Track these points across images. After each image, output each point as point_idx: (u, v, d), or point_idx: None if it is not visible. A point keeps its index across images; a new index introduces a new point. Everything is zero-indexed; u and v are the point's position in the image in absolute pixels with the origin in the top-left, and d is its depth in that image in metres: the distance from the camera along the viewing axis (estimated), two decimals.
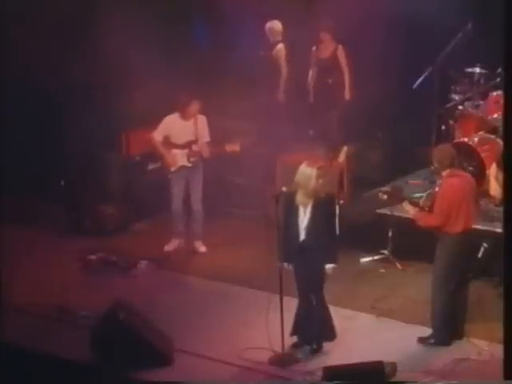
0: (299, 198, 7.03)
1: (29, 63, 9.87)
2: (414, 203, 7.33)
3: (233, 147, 9.00)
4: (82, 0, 10.06)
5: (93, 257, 9.03)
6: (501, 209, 8.41)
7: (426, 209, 7.22)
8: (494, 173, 8.04)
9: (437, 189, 7.42)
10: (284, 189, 7.16)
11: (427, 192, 7.67)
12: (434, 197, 7.26)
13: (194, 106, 8.89)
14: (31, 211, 9.97)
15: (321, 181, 6.97)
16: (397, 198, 7.57)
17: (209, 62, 10.84)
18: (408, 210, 7.31)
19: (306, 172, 6.97)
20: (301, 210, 7.04)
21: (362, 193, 9.60)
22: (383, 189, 7.63)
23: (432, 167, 7.55)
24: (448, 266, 7.18)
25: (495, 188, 8.05)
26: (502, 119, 5.90)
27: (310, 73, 10.62)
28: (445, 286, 7.21)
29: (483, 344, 7.23)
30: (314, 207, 7.00)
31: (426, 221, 7.18)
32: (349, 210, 9.26)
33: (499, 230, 8.41)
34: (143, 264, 8.94)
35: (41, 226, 9.73)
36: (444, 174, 7.20)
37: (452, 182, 7.16)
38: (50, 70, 9.96)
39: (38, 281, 8.49)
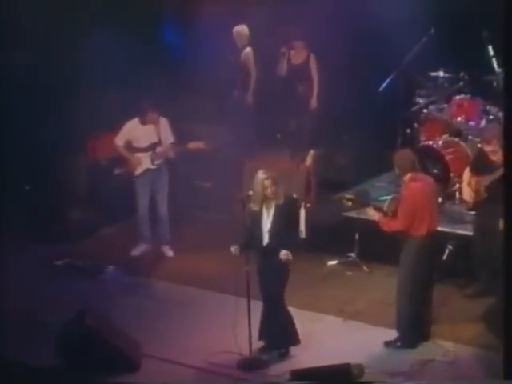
0: (260, 203, 7.07)
1: None
2: (378, 208, 7.38)
3: (197, 145, 9.03)
4: (50, 1, 9.98)
5: (59, 262, 8.98)
6: (468, 212, 8.54)
7: (390, 214, 7.28)
8: (466, 179, 8.10)
9: (400, 193, 7.47)
10: (250, 193, 7.19)
11: (391, 196, 7.72)
12: (397, 201, 7.32)
13: (153, 113, 8.91)
14: None
15: (274, 187, 6.99)
16: (361, 203, 7.62)
17: (177, 66, 10.83)
18: (372, 215, 7.37)
19: (258, 180, 7.03)
20: (264, 214, 7.08)
21: (328, 196, 9.65)
22: (347, 196, 7.67)
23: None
24: (413, 269, 7.24)
25: (467, 193, 8.13)
26: (503, 119, 5.86)
27: (280, 77, 10.66)
28: (410, 289, 7.26)
29: (448, 345, 7.30)
30: (276, 212, 7.04)
31: (390, 225, 7.23)
32: (316, 213, 9.31)
33: (464, 232, 8.53)
34: (110, 269, 8.91)
35: (6, 231, 9.64)
36: (406, 178, 7.26)
37: (414, 186, 7.22)
38: (15, 72, 9.88)
39: (4, 287, 8.41)
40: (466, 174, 8.15)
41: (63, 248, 9.28)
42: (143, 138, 9.03)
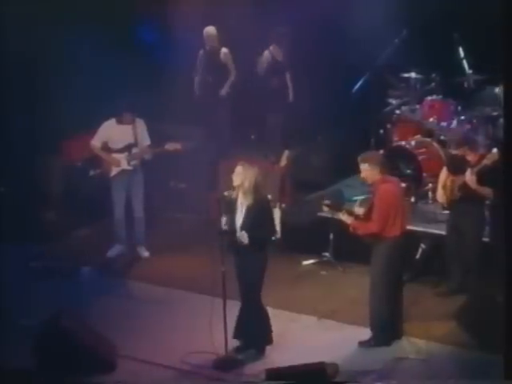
0: (235, 199, 7.14)
1: None
2: (350, 212, 7.40)
3: (174, 146, 9.07)
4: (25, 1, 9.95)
5: (35, 263, 8.97)
6: (441, 211, 8.65)
7: (362, 217, 7.31)
8: (442, 180, 8.20)
9: (371, 195, 7.49)
10: (226, 193, 7.25)
11: (361, 198, 7.72)
12: (369, 204, 7.34)
13: (128, 114, 8.96)
14: None
15: (257, 180, 7.06)
16: (337, 208, 7.62)
17: (152, 66, 10.85)
18: (346, 219, 7.41)
19: (238, 171, 7.10)
20: (238, 212, 7.15)
21: (303, 196, 9.74)
22: (325, 202, 7.70)
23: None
24: (386, 270, 7.30)
25: (440, 195, 8.24)
26: (503, 118, 5.88)
27: (255, 76, 10.72)
28: (384, 289, 7.33)
29: (421, 343, 7.39)
30: (248, 209, 7.10)
31: (365, 228, 7.26)
32: (291, 213, 9.37)
33: (437, 232, 8.65)
34: (86, 270, 8.92)
35: None
36: (376, 180, 7.30)
37: (386, 188, 7.27)
38: None
39: None
40: (443, 174, 8.24)
41: (38, 249, 9.26)
42: (119, 138, 9.05)
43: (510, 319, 5.66)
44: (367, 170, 7.27)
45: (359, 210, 7.30)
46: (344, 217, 7.37)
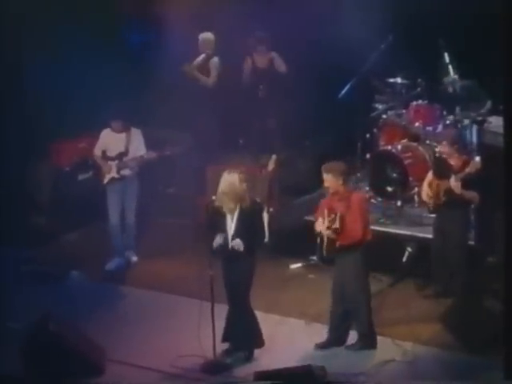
0: (226, 205, 7.19)
1: None
2: (329, 228, 7.39)
3: (150, 154, 9.12)
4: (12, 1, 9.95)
5: (24, 267, 8.99)
6: (427, 214, 8.73)
7: (339, 230, 7.27)
8: (428, 179, 8.29)
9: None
10: (214, 198, 7.30)
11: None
12: (341, 215, 7.26)
13: (117, 123, 9.02)
14: None
15: (244, 185, 7.12)
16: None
17: (140, 69, 10.88)
18: (330, 235, 7.38)
19: (229, 178, 7.14)
20: (228, 217, 7.19)
21: (291, 200, 9.80)
22: (333, 227, 7.47)
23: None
24: (362, 274, 7.37)
25: (425, 194, 8.32)
26: (503, 120, 5.92)
27: (244, 82, 10.76)
28: (365, 293, 7.40)
29: (407, 345, 7.44)
30: (240, 215, 7.15)
31: (350, 239, 7.28)
32: (278, 217, 9.43)
33: (423, 235, 8.73)
34: (75, 274, 8.95)
35: None
36: (340, 190, 7.31)
37: (360, 197, 7.43)
38: None
39: None
40: (429, 177, 8.32)
41: (28, 253, 9.27)
42: (113, 147, 9.13)
43: (509, 320, 5.72)
44: (331, 180, 7.35)
45: (336, 224, 7.29)
46: (330, 233, 7.39)
